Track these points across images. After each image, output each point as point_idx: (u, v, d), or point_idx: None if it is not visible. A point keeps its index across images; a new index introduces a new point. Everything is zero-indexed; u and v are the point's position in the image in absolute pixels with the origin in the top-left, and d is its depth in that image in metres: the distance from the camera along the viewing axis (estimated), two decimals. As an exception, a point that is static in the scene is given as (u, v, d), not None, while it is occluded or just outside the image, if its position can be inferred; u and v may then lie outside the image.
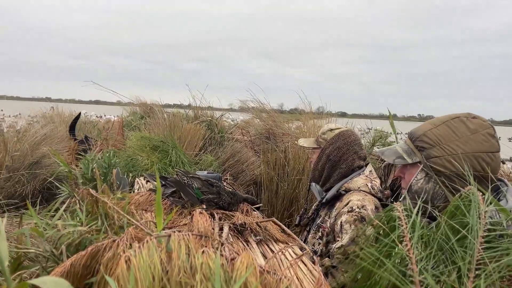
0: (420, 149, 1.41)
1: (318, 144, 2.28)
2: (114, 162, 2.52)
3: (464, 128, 1.36)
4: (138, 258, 0.88)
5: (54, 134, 4.97)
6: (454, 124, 1.38)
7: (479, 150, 1.31)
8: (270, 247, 1.55)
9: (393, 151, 1.51)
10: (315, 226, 2.18)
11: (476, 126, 1.35)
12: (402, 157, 1.46)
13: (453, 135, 1.36)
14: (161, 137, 3.15)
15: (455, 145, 1.34)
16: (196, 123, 3.85)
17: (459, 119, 1.39)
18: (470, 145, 1.32)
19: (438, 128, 1.40)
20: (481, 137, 1.33)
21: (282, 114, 5.09)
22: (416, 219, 1.05)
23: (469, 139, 1.33)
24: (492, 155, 1.32)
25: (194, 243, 1.10)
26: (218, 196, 1.83)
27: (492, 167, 1.29)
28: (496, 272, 0.94)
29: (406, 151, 1.47)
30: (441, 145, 1.36)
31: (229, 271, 0.98)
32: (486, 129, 1.35)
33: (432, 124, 1.42)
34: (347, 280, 1.27)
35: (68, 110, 7.50)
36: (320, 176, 2.25)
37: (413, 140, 1.44)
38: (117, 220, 1.27)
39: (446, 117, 1.42)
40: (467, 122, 1.37)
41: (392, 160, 1.49)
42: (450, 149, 1.33)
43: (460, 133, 1.35)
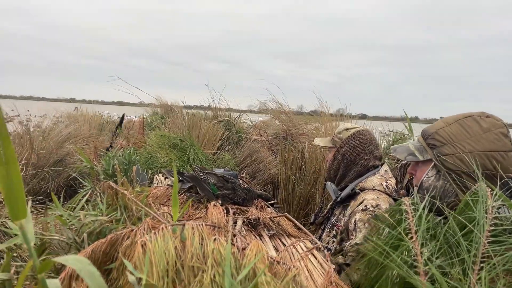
0: (432, 146, 1.42)
1: (333, 143, 2.28)
2: (134, 159, 2.60)
3: (477, 127, 1.36)
4: (153, 244, 0.93)
5: (78, 133, 5.13)
6: (467, 122, 1.39)
7: (491, 149, 1.32)
8: (283, 241, 1.59)
9: (405, 148, 1.53)
10: (330, 224, 2.20)
11: (489, 125, 1.36)
12: (413, 154, 1.47)
13: (465, 134, 1.36)
14: (180, 136, 3.22)
15: (467, 143, 1.34)
16: (214, 122, 3.91)
17: (472, 117, 1.39)
18: (482, 144, 1.33)
19: (450, 126, 1.40)
20: (493, 136, 1.34)
21: (301, 115, 5.11)
22: (423, 213, 1.07)
23: (481, 138, 1.33)
24: (504, 154, 1.32)
25: (207, 233, 1.16)
26: (233, 192, 1.87)
27: (504, 166, 1.30)
28: (500, 265, 0.95)
29: (418, 148, 1.48)
30: (452, 143, 1.37)
31: (239, 259, 1.03)
32: (499, 128, 1.36)
33: (445, 123, 1.43)
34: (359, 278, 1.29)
35: (91, 110, 7.69)
36: (335, 175, 2.26)
37: (425, 138, 1.45)
38: (135, 211, 1.33)
39: (459, 116, 1.42)
40: (480, 121, 1.38)
41: (403, 157, 1.50)
42: (461, 147, 1.34)
43: (472, 131, 1.36)
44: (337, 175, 2.25)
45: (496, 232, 1.04)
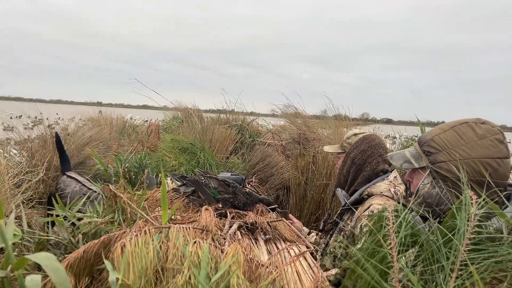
0: (427, 153, 1.41)
1: (342, 149, 2.30)
2: (145, 163, 2.66)
3: (472, 133, 1.34)
4: (133, 245, 0.97)
5: (100, 137, 5.27)
6: (462, 129, 1.37)
7: (486, 155, 1.29)
8: (277, 245, 1.61)
9: (402, 155, 1.52)
10: (338, 229, 2.20)
11: (484, 132, 1.34)
12: (409, 161, 1.46)
13: (460, 140, 1.35)
14: (191, 140, 3.27)
15: (462, 150, 1.32)
16: (227, 127, 3.95)
17: (467, 124, 1.37)
18: (477, 151, 1.31)
19: (446, 133, 1.39)
20: (488, 143, 1.31)
21: (319, 120, 5.09)
22: (404, 219, 1.07)
23: (475, 144, 1.31)
24: (500, 160, 1.29)
25: (193, 236, 1.19)
26: (233, 196, 1.90)
27: (500, 173, 1.27)
28: (477, 273, 0.95)
29: (414, 155, 1.47)
30: (447, 150, 1.36)
31: (220, 261, 1.06)
32: (495, 135, 1.33)
33: (440, 129, 1.42)
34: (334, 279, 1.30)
35: (116, 114, 7.88)
36: (346, 180, 2.27)
37: (421, 145, 1.44)
38: (129, 213, 1.38)
39: (455, 122, 1.41)
40: (475, 127, 1.35)
41: (399, 164, 1.50)
42: (456, 154, 1.32)
43: (467, 138, 1.34)
44: (347, 180, 2.26)
45: (478, 240, 1.04)
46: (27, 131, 4.51)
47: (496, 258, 0.98)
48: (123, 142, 4.89)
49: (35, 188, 3.33)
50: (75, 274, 1.15)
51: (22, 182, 2.79)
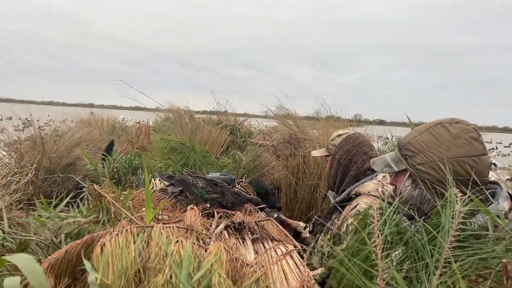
0: (405, 157, 1.42)
1: (328, 151, 2.30)
2: (135, 163, 2.65)
3: (446, 134, 1.36)
4: (113, 245, 0.95)
5: (90, 138, 5.24)
6: (437, 130, 1.39)
7: (461, 154, 1.31)
8: (265, 245, 1.59)
9: (383, 160, 1.54)
10: (326, 229, 2.20)
11: (458, 131, 1.35)
12: (389, 165, 1.48)
13: (436, 141, 1.36)
14: (180, 140, 3.25)
15: (438, 151, 1.34)
16: (219, 127, 3.94)
17: (442, 125, 1.39)
18: (452, 150, 1.32)
19: (422, 135, 1.41)
20: (463, 142, 1.33)
21: (310, 120, 5.09)
22: (389, 217, 1.07)
23: (451, 144, 1.33)
24: (476, 158, 1.31)
25: (178, 235, 1.18)
26: (221, 196, 1.89)
27: (477, 170, 1.28)
28: (461, 270, 0.94)
29: (394, 159, 1.49)
30: (424, 152, 1.37)
31: (203, 260, 1.04)
32: (469, 133, 1.35)
33: (417, 132, 1.44)
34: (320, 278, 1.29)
35: (107, 115, 7.84)
36: (335, 182, 2.26)
37: (400, 149, 1.46)
38: (113, 213, 1.37)
39: (430, 124, 1.43)
40: (449, 127, 1.37)
41: (380, 169, 1.51)
42: (432, 155, 1.34)
43: (442, 139, 1.36)
44: (336, 182, 2.25)
45: (463, 237, 1.03)
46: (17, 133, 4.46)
47: (480, 255, 0.98)
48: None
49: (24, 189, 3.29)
50: (56, 275, 1.13)
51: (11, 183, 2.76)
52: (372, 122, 6.85)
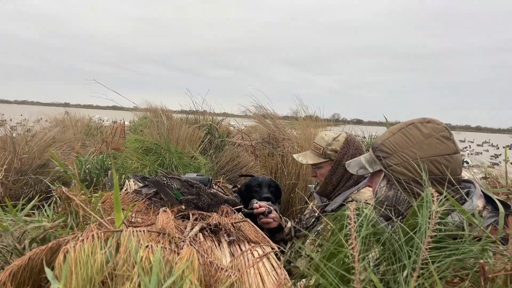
0: (380, 158, 1.42)
1: (326, 157, 2.18)
2: (108, 164, 2.57)
3: (418, 134, 1.36)
4: (78, 251, 0.90)
5: (64, 138, 5.09)
6: (409, 130, 1.39)
7: (434, 154, 1.31)
8: (241, 247, 1.56)
9: (357, 162, 1.53)
10: (315, 232, 2.13)
11: (429, 131, 1.36)
12: (364, 167, 1.48)
13: (408, 142, 1.36)
14: (155, 140, 3.19)
15: (410, 151, 1.34)
16: (196, 127, 3.88)
17: (414, 125, 1.39)
18: (425, 150, 1.33)
19: (394, 136, 1.41)
20: (435, 141, 1.33)
21: (288, 120, 5.08)
22: (365, 219, 1.05)
23: (423, 144, 1.33)
24: (449, 157, 1.31)
25: (149, 239, 1.13)
26: (197, 197, 1.84)
27: (450, 169, 1.29)
28: (439, 271, 0.93)
29: (368, 161, 1.48)
30: (397, 153, 1.37)
31: (175, 266, 1.00)
32: (440, 132, 1.35)
33: (390, 133, 1.44)
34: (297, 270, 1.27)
35: (82, 115, 7.66)
36: (333, 189, 2.18)
37: (374, 150, 1.46)
38: (81, 217, 1.30)
39: (402, 124, 1.43)
40: (421, 127, 1.38)
41: (355, 171, 1.50)
42: (406, 156, 1.34)
43: (414, 139, 1.36)
44: (335, 188, 2.18)
45: (439, 237, 1.02)
46: (-13, 133, 4.30)
47: (457, 256, 0.97)
48: (88, 143, 4.74)
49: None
50: (19, 283, 1.07)
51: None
52: (350, 122, 6.92)
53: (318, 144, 2.22)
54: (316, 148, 2.22)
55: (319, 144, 2.21)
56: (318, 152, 2.20)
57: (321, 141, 2.21)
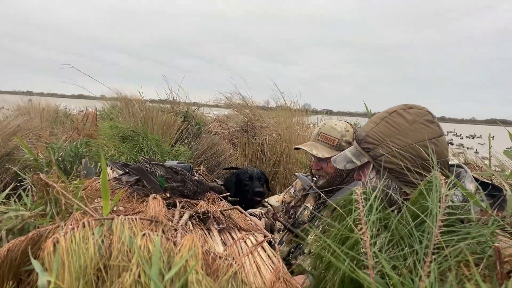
0: (367, 150, 1.39)
1: (340, 149, 1.98)
2: (82, 152, 2.44)
3: (402, 121, 1.34)
4: (68, 240, 0.81)
5: (29, 126, 4.84)
6: (393, 119, 1.36)
7: (421, 139, 1.30)
8: (232, 235, 1.49)
9: (344, 156, 1.49)
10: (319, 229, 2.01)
11: (413, 116, 1.34)
12: (351, 161, 1.44)
13: (394, 130, 1.34)
14: (132, 127, 3.06)
15: (397, 139, 1.32)
16: (171, 114, 3.76)
17: (396, 112, 1.37)
18: (411, 136, 1.31)
19: (378, 126, 1.38)
20: (420, 126, 1.32)
21: (265, 110, 5.03)
22: (374, 203, 1.00)
23: (409, 131, 1.31)
24: (435, 140, 1.31)
25: (141, 228, 1.04)
26: (182, 185, 1.76)
27: (438, 152, 1.27)
28: (452, 256, 0.89)
29: (354, 154, 1.45)
30: (384, 143, 1.35)
31: (174, 255, 0.92)
32: (424, 117, 1.34)
33: (373, 123, 1.41)
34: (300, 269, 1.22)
35: (47, 103, 7.32)
36: (341, 182, 2.06)
37: (359, 143, 1.43)
38: (63, 205, 1.20)
39: (384, 113, 1.40)
40: (404, 113, 1.36)
41: (343, 166, 1.46)
42: (393, 144, 1.32)
43: (399, 126, 1.34)
44: (342, 181, 2.07)
45: (449, 221, 0.99)
46: None
47: (470, 240, 0.94)
48: (56, 131, 4.52)
49: None
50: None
51: None
52: (321, 112, 6.96)
53: (330, 136, 2.04)
54: (329, 140, 2.04)
55: (333, 135, 2.04)
56: (332, 144, 2.03)
57: (333, 132, 2.04)
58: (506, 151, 1.96)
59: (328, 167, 2.04)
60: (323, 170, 2.07)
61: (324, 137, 2.05)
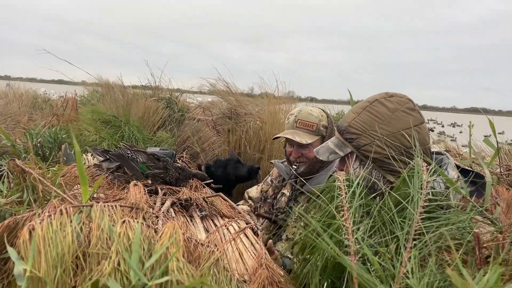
0: (350, 140, 1.38)
1: (319, 134, 2.03)
2: (61, 137, 2.38)
3: (384, 109, 1.34)
4: (45, 228, 0.79)
5: (7, 111, 4.71)
6: (374, 107, 1.36)
7: (403, 127, 1.30)
8: (215, 222, 1.49)
9: (326, 147, 1.48)
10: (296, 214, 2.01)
11: (395, 105, 1.34)
12: (334, 152, 1.44)
13: (376, 119, 1.34)
14: (114, 112, 3.00)
15: (380, 128, 1.32)
16: (154, 99, 3.70)
17: (378, 101, 1.37)
18: (394, 125, 1.31)
19: (360, 115, 1.38)
20: (401, 114, 1.32)
21: (250, 97, 5.00)
22: (357, 189, 1.00)
23: (391, 119, 1.31)
24: (417, 128, 1.31)
25: (122, 215, 1.02)
26: (164, 171, 1.74)
27: (420, 139, 1.28)
28: (433, 242, 0.90)
29: (337, 145, 1.44)
30: (367, 132, 1.34)
31: (155, 243, 0.91)
32: (405, 105, 1.34)
33: (355, 113, 1.40)
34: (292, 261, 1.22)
35: (25, 88, 7.13)
36: (320, 166, 2.07)
37: (341, 133, 1.42)
38: (41, 192, 1.17)
39: (365, 103, 1.40)
40: (386, 102, 1.36)
41: (326, 157, 1.45)
42: (376, 134, 1.32)
43: (381, 115, 1.34)
44: (322, 166, 2.08)
45: (430, 208, 1.00)
46: None
47: (450, 226, 0.95)
48: (35, 116, 4.41)
49: None
50: (-29, 266, 0.94)
51: None
52: (305, 100, 6.97)
53: (308, 121, 2.04)
54: (308, 126, 2.04)
55: (311, 121, 2.04)
56: (311, 129, 2.04)
57: (311, 117, 2.05)
58: (486, 139, 1.99)
59: (310, 152, 2.04)
60: (304, 156, 2.07)
61: (303, 123, 2.05)
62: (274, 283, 1.11)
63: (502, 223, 0.93)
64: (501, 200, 0.99)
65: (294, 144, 2.07)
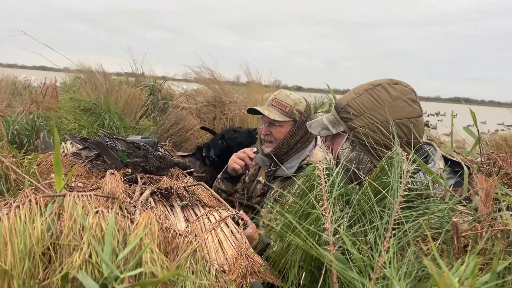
0: (345, 119, 1.37)
1: (291, 116, 2.06)
2: (39, 125, 2.32)
3: (386, 95, 1.34)
4: (12, 219, 0.76)
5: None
6: (377, 92, 1.35)
7: (401, 116, 1.30)
8: (196, 212, 1.47)
9: (320, 122, 1.47)
10: (272, 200, 2.03)
11: (398, 93, 1.34)
12: (327, 128, 1.43)
13: (376, 103, 1.33)
14: (94, 100, 2.93)
15: (378, 113, 1.32)
16: (137, 87, 3.63)
17: (381, 86, 1.36)
18: (392, 112, 1.30)
19: (361, 97, 1.37)
20: (402, 103, 1.32)
21: (236, 85, 4.96)
22: (336, 178, 0.99)
23: (391, 106, 1.31)
24: (414, 120, 1.31)
25: (97, 205, 1.00)
26: (145, 160, 1.70)
27: (415, 132, 1.28)
28: (412, 231, 0.90)
29: (331, 121, 1.43)
30: (364, 115, 1.34)
31: (130, 233, 0.89)
32: (408, 95, 1.34)
33: (355, 93, 1.39)
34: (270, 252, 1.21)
35: (5, 74, 6.95)
36: (288, 150, 2.09)
37: (338, 111, 1.41)
38: (13, 181, 1.13)
39: (368, 85, 1.39)
40: (389, 88, 1.35)
41: (317, 132, 1.45)
42: (373, 118, 1.31)
43: (382, 100, 1.33)
44: (290, 150, 2.09)
45: (410, 197, 0.99)
46: None
47: (429, 215, 0.94)
48: (14, 103, 4.30)
49: None
50: None
51: None
52: (291, 88, 6.97)
53: (283, 102, 2.08)
54: (281, 105, 2.08)
55: (285, 101, 2.08)
56: (283, 110, 2.07)
57: (287, 99, 2.08)
58: (467, 128, 2.01)
59: (277, 131, 2.08)
60: (272, 135, 2.10)
61: (278, 102, 2.10)
62: (254, 272, 1.10)
63: (480, 212, 0.93)
64: (479, 189, 0.99)
65: (265, 121, 2.13)
